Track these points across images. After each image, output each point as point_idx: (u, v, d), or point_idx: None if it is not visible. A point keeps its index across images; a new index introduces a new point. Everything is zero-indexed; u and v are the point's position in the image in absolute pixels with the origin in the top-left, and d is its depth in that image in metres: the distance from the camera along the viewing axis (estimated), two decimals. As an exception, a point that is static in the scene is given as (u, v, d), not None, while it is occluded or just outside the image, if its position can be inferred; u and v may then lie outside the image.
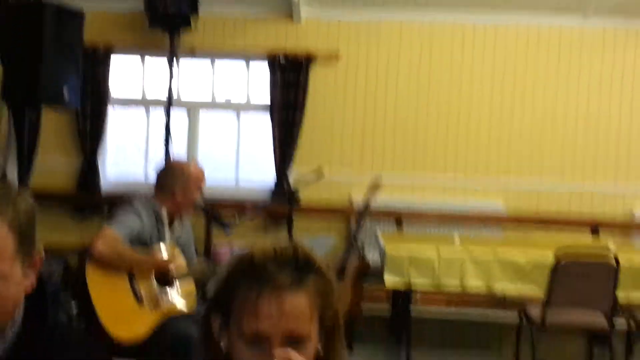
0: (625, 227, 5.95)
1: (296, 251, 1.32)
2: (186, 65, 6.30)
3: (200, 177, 3.68)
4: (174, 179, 3.61)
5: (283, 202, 4.86)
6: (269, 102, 6.12)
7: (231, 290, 1.31)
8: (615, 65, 6.10)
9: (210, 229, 5.66)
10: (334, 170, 5.86)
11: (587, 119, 6.13)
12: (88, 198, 6.16)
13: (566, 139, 6.13)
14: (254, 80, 6.35)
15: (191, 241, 3.86)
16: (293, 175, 6.08)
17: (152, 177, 3.76)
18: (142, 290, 3.36)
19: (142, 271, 3.39)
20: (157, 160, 5.67)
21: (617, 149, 6.10)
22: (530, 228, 5.89)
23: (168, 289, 3.49)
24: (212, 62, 6.35)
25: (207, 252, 5.68)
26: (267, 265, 1.29)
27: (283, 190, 5.84)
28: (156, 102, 6.22)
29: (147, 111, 6.39)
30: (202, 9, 5.90)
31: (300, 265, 1.30)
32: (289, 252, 1.32)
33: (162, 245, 3.54)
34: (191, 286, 3.58)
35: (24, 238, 1.33)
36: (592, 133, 6.12)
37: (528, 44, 6.16)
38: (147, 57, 6.36)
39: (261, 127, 6.28)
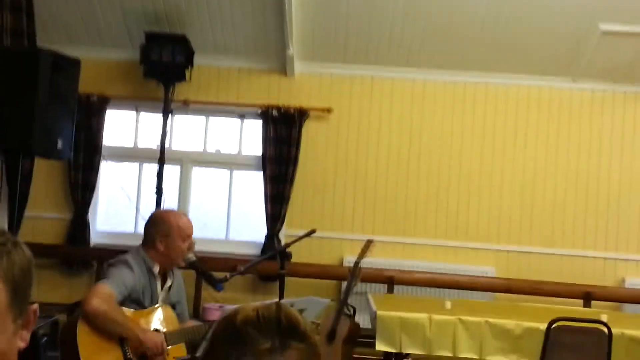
0: (617, 295, 5.96)
1: (280, 315, 1.25)
2: (179, 118, 6.32)
3: (182, 226, 3.54)
4: (155, 228, 3.52)
5: (274, 259, 4.81)
6: (261, 156, 6.13)
7: (215, 355, 1.25)
8: (603, 127, 6.19)
9: (200, 286, 5.60)
10: (325, 229, 5.84)
11: (577, 183, 6.18)
12: (77, 251, 6.09)
13: (556, 203, 6.16)
14: (247, 134, 6.38)
15: (183, 296, 3.78)
16: (284, 233, 6.06)
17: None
18: (133, 354, 3.27)
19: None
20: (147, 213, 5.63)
21: (607, 215, 6.14)
22: (522, 293, 5.86)
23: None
24: (205, 115, 6.36)
25: (197, 309, 5.60)
26: (248, 330, 1.22)
27: (274, 247, 5.79)
28: (148, 155, 6.19)
29: (140, 164, 6.38)
30: (197, 61, 5.95)
31: (283, 330, 1.23)
32: (272, 315, 1.24)
33: (161, 310, 3.46)
34: (182, 350, 3.50)
35: (18, 293, 1.24)
36: (582, 197, 6.16)
37: (518, 104, 6.24)
38: (140, 109, 6.37)
39: (253, 184, 6.29)
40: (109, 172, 6.20)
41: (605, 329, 4.19)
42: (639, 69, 5.99)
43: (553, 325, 4.20)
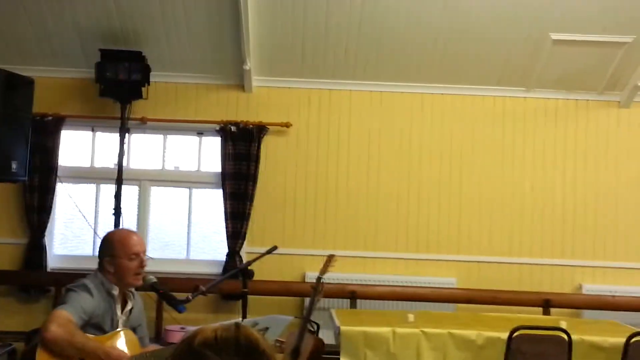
0: (575, 301, 6.05)
1: (238, 335, 1.26)
2: (137, 136, 6.26)
3: (127, 244, 3.43)
4: (102, 249, 3.47)
5: (236, 278, 4.78)
6: (220, 173, 6.10)
7: None
8: (557, 136, 6.30)
9: (161, 308, 5.54)
10: (286, 245, 5.84)
11: (532, 192, 6.27)
12: (34, 277, 5.96)
13: (513, 212, 6.25)
14: (206, 151, 6.35)
15: (144, 320, 3.73)
16: (245, 250, 6.03)
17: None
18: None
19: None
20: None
21: (563, 222, 6.24)
22: (483, 302, 5.92)
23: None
24: (164, 132, 6.32)
25: (158, 331, 5.53)
26: (206, 353, 1.23)
27: (235, 266, 5.75)
28: (106, 176, 6.11)
29: (97, 185, 6.29)
30: (153, 78, 5.90)
31: (241, 351, 1.24)
32: (230, 336, 1.26)
33: (122, 334, 3.40)
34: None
35: None
36: (538, 205, 6.26)
37: (474, 115, 6.31)
38: (97, 128, 6.29)
39: (213, 202, 6.25)
40: (65, 194, 6.09)
41: (565, 336, 4.27)
42: (591, 77, 6.11)
43: (514, 335, 4.26)
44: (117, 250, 3.44)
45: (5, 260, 5.98)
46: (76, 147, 6.27)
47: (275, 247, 4.20)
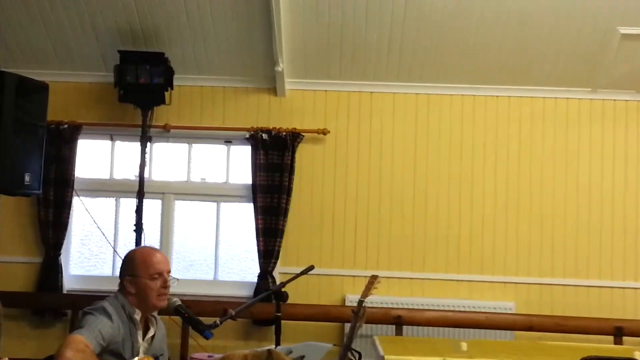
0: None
1: None
2: (159, 145, 6.34)
3: (150, 262, 3.47)
4: (123, 268, 3.51)
5: (268, 300, 4.80)
6: (250, 185, 6.13)
7: None
8: (627, 142, 6.18)
9: (187, 333, 5.57)
10: (324, 265, 5.83)
11: (602, 205, 6.16)
12: (49, 299, 6.03)
13: (580, 228, 6.15)
14: (235, 161, 6.39)
15: (166, 349, 3.74)
16: (279, 271, 6.05)
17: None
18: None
19: None
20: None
21: (637, 238, 6.11)
22: (545, 330, 5.82)
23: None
24: (189, 141, 6.38)
25: (183, 358, 5.56)
26: None
27: (268, 287, 5.76)
28: (126, 189, 6.16)
29: (116, 199, 6.37)
30: (177, 81, 5.95)
31: None
32: None
33: None
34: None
35: None
36: (608, 220, 6.15)
37: (533, 119, 6.23)
38: (116, 137, 6.38)
39: (243, 217, 6.29)
40: (82, 209, 6.17)
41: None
42: (662, 75, 6.03)
43: (583, 366, 4.18)
44: (138, 269, 3.46)
45: (17, 281, 6.08)
46: (94, 157, 6.38)
47: (311, 267, 4.20)
